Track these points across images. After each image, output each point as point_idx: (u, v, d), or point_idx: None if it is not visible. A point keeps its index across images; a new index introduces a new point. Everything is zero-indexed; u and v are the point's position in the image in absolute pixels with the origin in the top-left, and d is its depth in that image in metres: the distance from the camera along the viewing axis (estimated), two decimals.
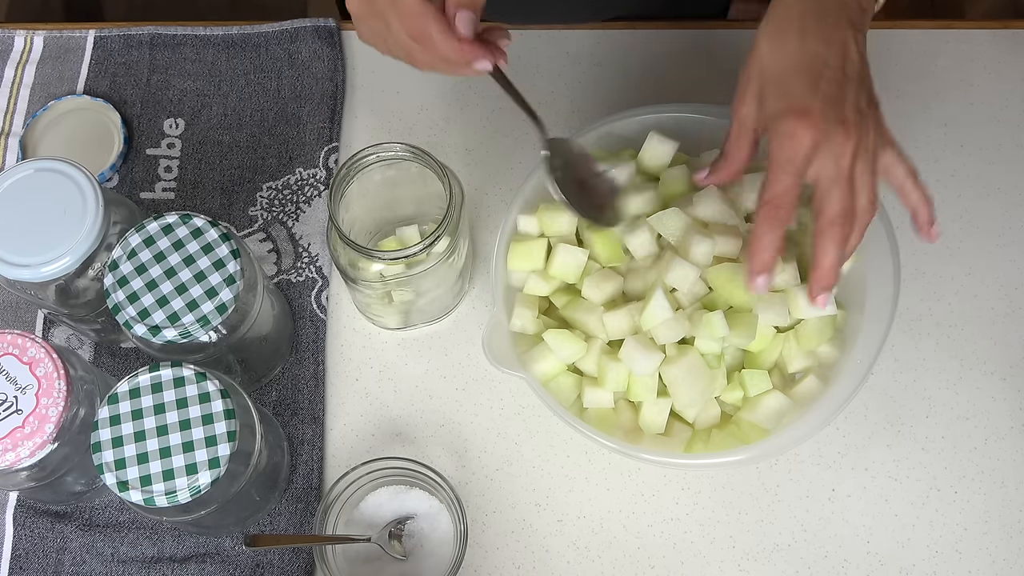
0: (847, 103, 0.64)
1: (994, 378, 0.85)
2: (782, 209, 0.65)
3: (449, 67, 0.65)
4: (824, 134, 0.63)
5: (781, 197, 0.65)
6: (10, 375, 0.70)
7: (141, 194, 0.92)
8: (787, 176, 0.64)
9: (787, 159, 0.64)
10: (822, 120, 0.63)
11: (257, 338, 0.78)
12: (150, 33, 0.97)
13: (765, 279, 0.67)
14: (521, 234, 0.81)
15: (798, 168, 0.64)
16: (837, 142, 0.64)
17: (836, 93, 0.64)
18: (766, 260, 0.67)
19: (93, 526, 0.82)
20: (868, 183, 0.66)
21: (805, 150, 0.63)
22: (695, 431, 0.77)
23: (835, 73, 0.64)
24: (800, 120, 0.63)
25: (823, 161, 0.64)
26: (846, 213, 0.65)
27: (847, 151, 0.64)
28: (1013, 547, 0.80)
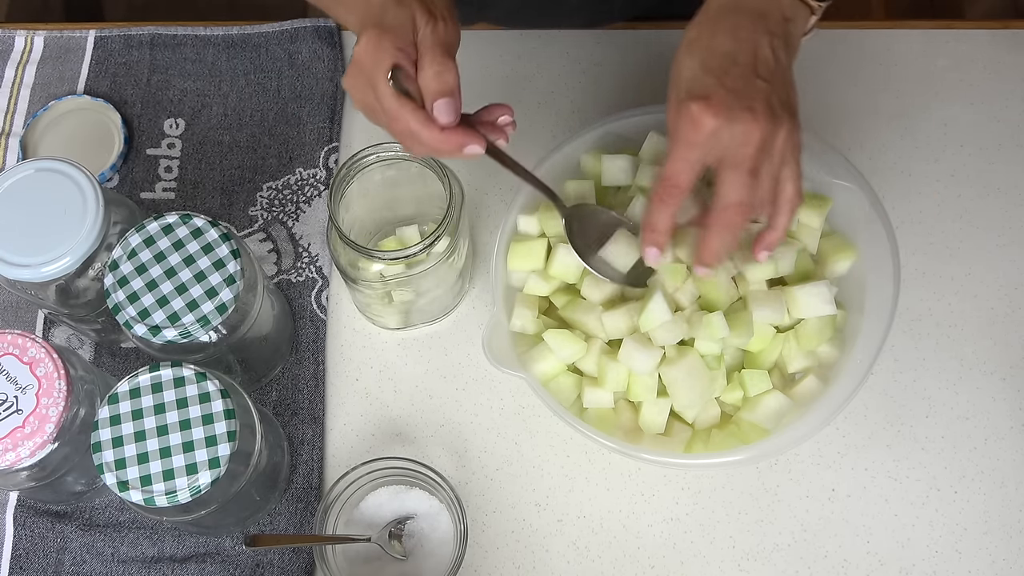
0: (756, 96, 0.64)
1: (994, 378, 0.85)
2: (676, 188, 0.66)
3: (442, 155, 0.65)
4: (726, 119, 0.63)
5: (675, 176, 0.65)
6: (10, 375, 0.70)
7: (141, 194, 0.92)
8: (683, 157, 0.65)
9: (685, 140, 0.64)
10: (724, 106, 0.63)
11: (257, 338, 0.78)
12: (150, 33, 0.97)
13: (655, 252, 0.69)
14: (521, 234, 0.81)
15: (696, 151, 0.64)
16: (741, 127, 0.63)
17: (743, 86, 0.64)
18: (657, 235, 0.68)
19: (93, 526, 0.82)
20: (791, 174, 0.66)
21: (705, 133, 0.63)
22: (695, 431, 0.77)
23: (743, 70, 0.64)
24: (700, 103, 0.63)
25: (724, 146, 0.64)
26: (741, 203, 0.65)
27: (752, 139, 0.64)
28: (1013, 547, 0.80)
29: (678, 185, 0.66)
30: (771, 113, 0.64)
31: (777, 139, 0.65)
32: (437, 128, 0.63)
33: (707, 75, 0.64)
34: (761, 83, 0.64)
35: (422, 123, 0.62)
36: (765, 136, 0.64)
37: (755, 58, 0.65)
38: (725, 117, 0.63)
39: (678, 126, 0.65)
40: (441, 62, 0.62)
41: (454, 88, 0.63)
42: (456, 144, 0.63)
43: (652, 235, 0.69)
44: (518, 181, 0.72)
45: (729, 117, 0.63)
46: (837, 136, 0.92)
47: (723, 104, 0.63)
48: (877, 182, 0.84)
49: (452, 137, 0.63)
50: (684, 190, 0.66)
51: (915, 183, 0.91)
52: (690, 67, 0.66)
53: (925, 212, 0.90)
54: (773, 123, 0.64)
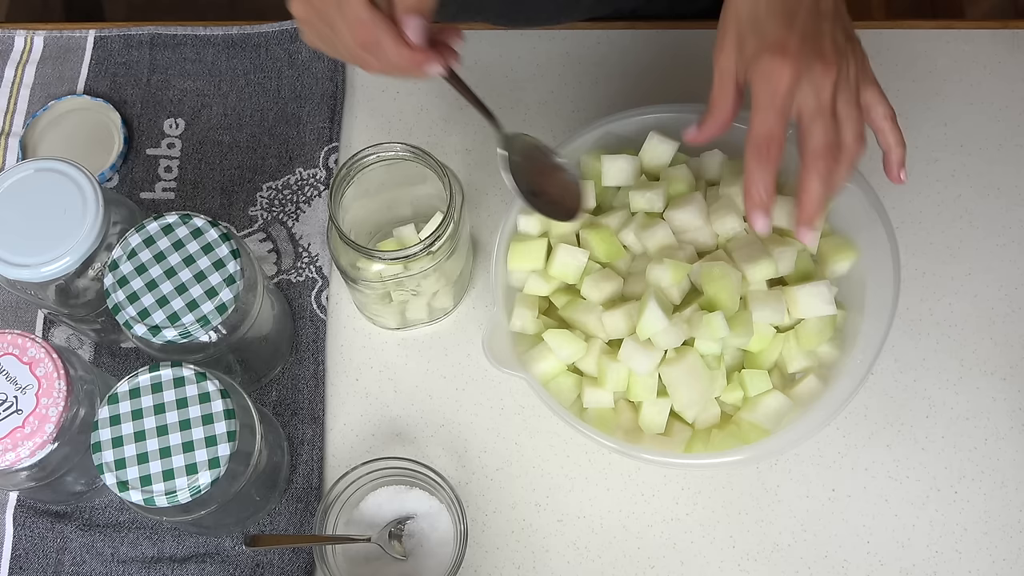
0: (824, 37, 0.65)
1: (994, 378, 0.85)
2: (771, 148, 0.66)
3: (400, 72, 0.64)
4: (803, 68, 0.64)
5: (767, 136, 0.65)
6: (10, 375, 0.70)
7: (141, 194, 0.92)
8: (771, 114, 0.65)
9: (769, 97, 0.64)
10: (799, 54, 0.64)
11: (257, 338, 0.78)
12: (150, 33, 0.97)
13: (763, 218, 0.68)
14: (521, 234, 0.81)
15: (781, 105, 0.64)
16: (817, 75, 0.64)
17: (811, 28, 0.65)
18: (761, 200, 0.67)
19: (93, 526, 0.82)
20: (852, 116, 0.66)
21: (785, 86, 0.64)
22: (695, 431, 0.77)
23: (808, 10, 0.65)
24: (777, 56, 0.63)
25: (804, 95, 0.65)
26: (829, 146, 0.66)
27: (827, 84, 0.65)
28: (1013, 547, 0.80)
29: (774, 138, 0.65)
30: (838, 53, 0.65)
31: (849, 75, 0.66)
32: (406, 45, 0.62)
33: (774, 21, 0.65)
34: (825, 23, 0.65)
35: (391, 35, 0.62)
36: (838, 77, 0.65)
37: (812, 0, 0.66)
38: (803, 67, 0.63)
39: (756, 81, 0.65)
40: None
41: (432, 6, 0.63)
42: (419, 62, 0.63)
43: (758, 200, 0.67)
44: None
45: (807, 66, 0.64)
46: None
47: (797, 52, 0.63)
48: (877, 182, 0.84)
49: (420, 55, 0.63)
50: (780, 143, 0.65)
51: (915, 183, 0.91)
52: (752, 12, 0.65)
53: (925, 212, 0.90)
54: (842, 62, 0.65)
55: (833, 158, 0.66)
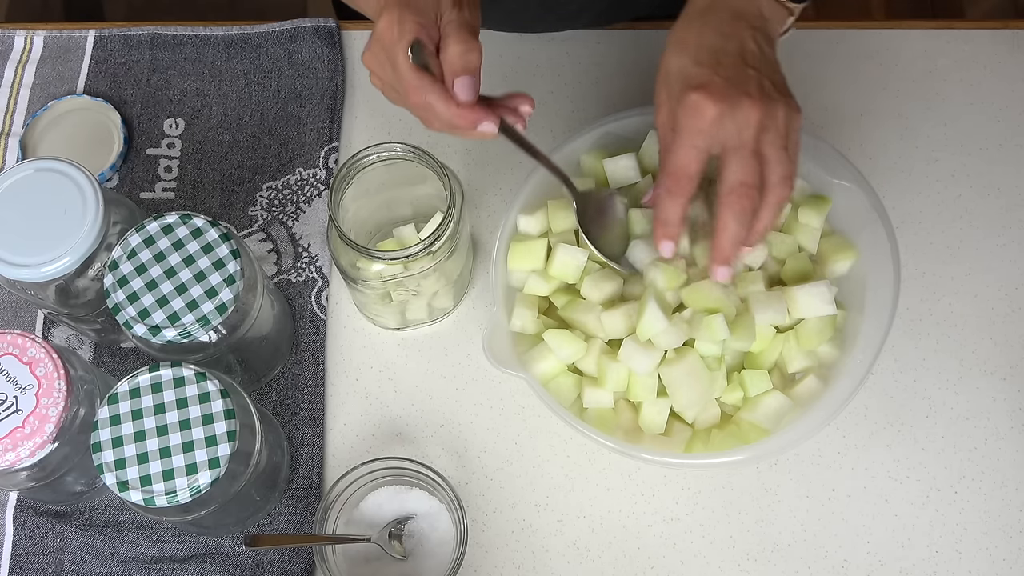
0: (750, 81, 0.66)
1: (994, 378, 0.85)
2: (683, 179, 0.66)
3: (456, 131, 0.66)
4: (727, 104, 0.64)
5: (683, 168, 0.66)
6: (10, 375, 0.70)
7: (141, 194, 0.92)
8: (688, 146, 0.65)
9: (689, 129, 0.65)
10: (723, 92, 0.65)
11: (257, 338, 0.78)
12: (150, 33, 0.97)
13: (670, 246, 0.69)
14: (521, 234, 0.81)
15: (701, 138, 0.65)
16: (741, 112, 0.65)
17: (736, 74, 0.66)
18: (670, 228, 0.68)
19: (93, 526, 0.82)
20: (779, 158, 0.66)
21: (708, 120, 0.64)
22: (695, 431, 0.77)
23: (733, 60, 0.66)
24: (701, 92, 0.65)
25: (727, 132, 0.65)
26: (746, 184, 0.65)
27: (751, 122, 0.65)
28: (1013, 547, 0.80)
29: (687, 175, 0.66)
30: (766, 95, 0.65)
31: (777, 118, 0.66)
32: (455, 103, 0.64)
33: (700, 67, 0.66)
34: (751, 71, 0.66)
35: (440, 97, 0.64)
36: (763, 117, 0.65)
37: (742, 49, 0.67)
38: (727, 103, 0.64)
39: (680, 117, 0.66)
40: (467, 41, 0.64)
41: (476, 67, 0.65)
42: (471, 120, 0.65)
43: (664, 229, 0.69)
44: (519, 180, 0.72)
45: (730, 102, 0.64)
46: (837, 136, 0.92)
47: (722, 90, 0.65)
48: (877, 182, 0.84)
49: (467, 113, 0.64)
50: (693, 179, 0.66)
51: (915, 183, 0.91)
52: (680, 64, 0.67)
53: (925, 212, 0.90)
54: (769, 104, 0.65)
55: (750, 197, 0.66)
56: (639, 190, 0.81)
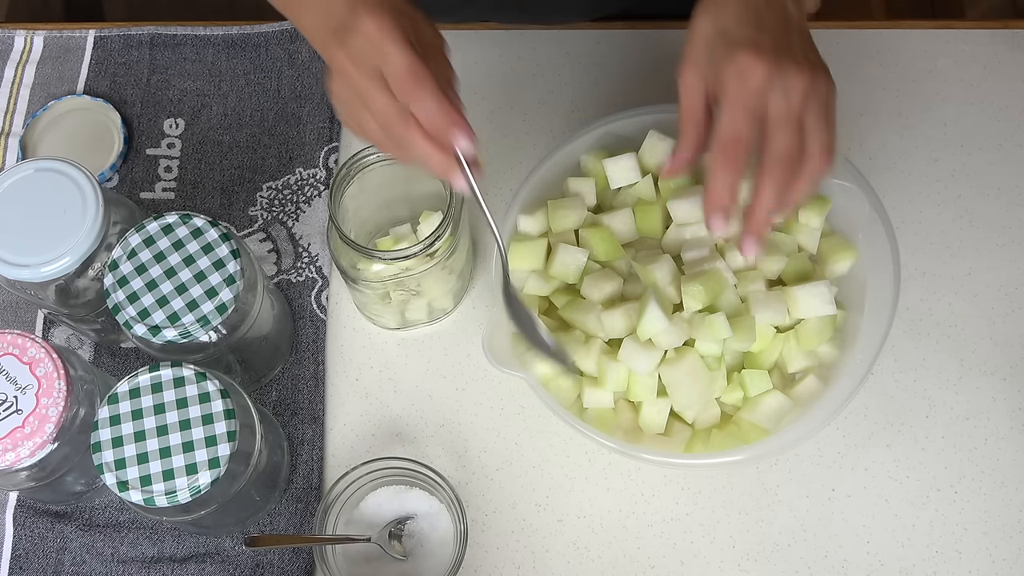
0: (795, 46, 0.63)
1: (994, 378, 0.85)
2: (738, 149, 0.63)
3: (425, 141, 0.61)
4: (776, 68, 0.61)
5: (735, 136, 0.63)
6: (10, 375, 0.70)
7: (141, 194, 0.92)
8: (740, 113, 0.62)
9: (740, 95, 0.62)
10: (774, 52, 0.62)
11: (257, 338, 0.78)
12: (150, 33, 0.97)
13: (721, 220, 0.66)
14: (521, 234, 0.81)
15: (753, 104, 0.62)
16: (790, 77, 0.62)
17: (782, 34, 0.63)
18: (722, 202, 0.65)
19: (93, 526, 0.82)
20: (820, 127, 0.64)
21: (758, 82, 0.61)
22: (695, 431, 0.77)
23: (776, 21, 0.63)
24: (751, 52, 0.61)
25: (774, 96, 0.62)
26: (790, 153, 0.63)
27: (798, 87, 0.62)
28: (1013, 547, 0.80)
29: (739, 139, 0.63)
30: (811, 62, 0.63)
31: (819, 87, 0.63)
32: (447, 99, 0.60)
33: (745, 27, 0.63)
34: (794, 35, 0.64)
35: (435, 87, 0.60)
36: (809, 84, 0.62)
37: (785, 13, 0.64)
38: (776, 64, 0.61)
39: (728, 79, 0.62)
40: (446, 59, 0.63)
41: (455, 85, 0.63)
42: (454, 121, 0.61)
43: (718, 198, 0.64)
44: (519, 180, 0.72)
45: (779, 65, 0.62)
46: (837, 136, 0.92)
47: (772, 50, 0.62)
48: (877, 182, 0.84)
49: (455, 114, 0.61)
50: (747, 144, 0.63)
51: (915, 183, 0.91)
52: (720, 23, 0.64)
53: (925, 212, 0.90)
54: (814, 72, 0.63)
55: (791, 168, 0.64)
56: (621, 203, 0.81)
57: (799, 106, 0.63)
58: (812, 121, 0.64)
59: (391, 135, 0.62)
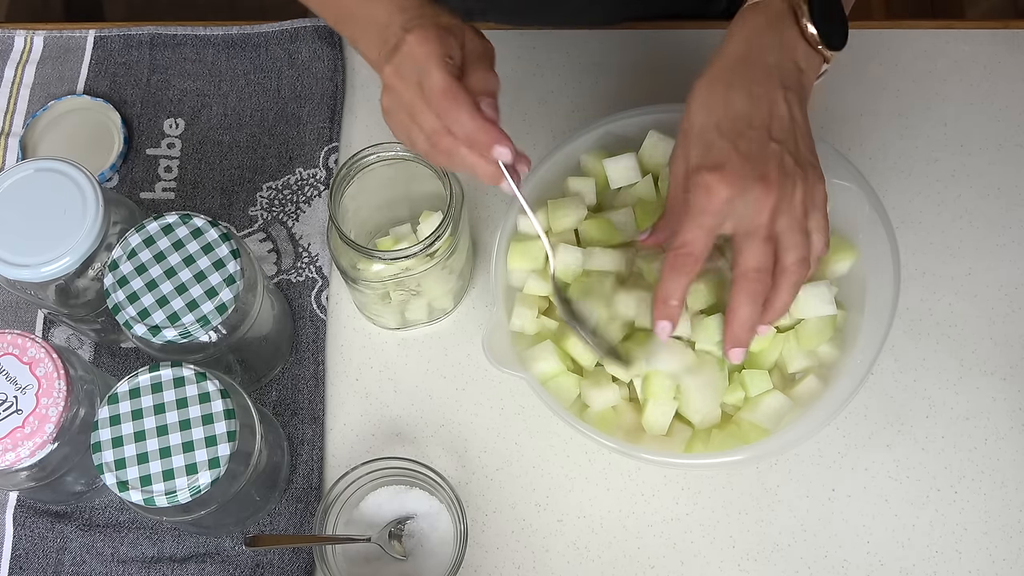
0: (770, 160, 0.64)
1: (994, 378, 0.85)
2: (689, 258, 0.65)
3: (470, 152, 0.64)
4: (739, 189, 0.63)
5: (689, 245, 0.65)
6: (10, 375, 0.70)
7: (141, 194, 0.92)
8: (697, 226, 0.64)
9: (699, 209, 0.64)
10: (738, 175, 0.63)
11: (257, 338, 0.78)
12: (150, 33, 0.97)
13: (667, 326, 0.68)
14: (521, 234, 0.81)
15: (709, 222, 0.64)
16: (754, 197, 0.63)
17: (756, 151, 0.64)
18: (670, 309, 0.67)
19: (93, 526, 0.82)
20: (795, 241, 0.65)
21: (719, 203, 0.63)
22: (695, 431, 0.77)
23: (758, 133, 0.64)
24: (715, 173, 0.63)
25: (739, 216, 0.64)
26: (760, 268, 0.65)
27: (765, 207, 0.64)
28: (1013, 547, 0.80)
29: (692, 253, 0.65)
30: (784, 176, 0.64)
31: (794, 199, 0.64)
32: (481, 114, 0.63)
33: (721, 139, 0.64)
34: (775, 145, 0.64)
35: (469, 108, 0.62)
36: (778, 200, 0.64)
37: (771, 117, 0.65)
38: (739, 187, 0.63)
39: (692, 194, 0.64)
40: (490, 69, 0.65)
41: (497, 92, 0.65)
42: (493, 136, 0.63)
43: (665, 308, 0.67)
44: None
45: (743, 187, 0.63)
46: (837, 136, 0.92)
47: (737, 174, 0.63)
48: (877, 182, 0.84)
49: (492, 129, 0.63)
50: (699, 259, 0.65)
51: (915, 183, 0.91)
52: (703, 127, 0.65)
53: (925, 212, 0.90)
54: (785, 187, 0.64)
55: (762, 281, 0.65)
56: None
57: (766, 222, 0.64)
58: (784, 235, 0.65)
59: (438, 148, 0.65)
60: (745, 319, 0.66)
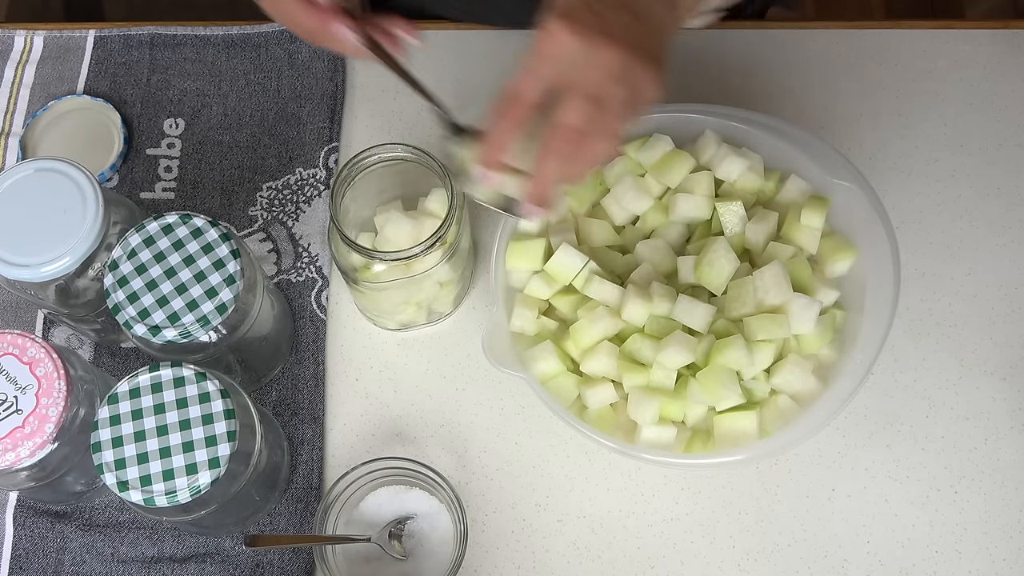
0: (623, 28, 0.60)
1: (994, 378, 0.85)
2: (517, 100, 0.61)
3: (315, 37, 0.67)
4: (582, 37, 0.59)
5: (518, 88, 0.61)
6: (10, 375, 0.70)
7: (141, 194, 0.92)
8: (532, 70, 0.60)
9: (538, 53, 0.60)
10: (584, 24, 0.59)
11: (257, 338, 0.78)
12: (150, 33, 0.97)
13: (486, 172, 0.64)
14: (520, 233, 0.81)
15: (547, 67, 0.60)
16: (596, 53, 0.59)
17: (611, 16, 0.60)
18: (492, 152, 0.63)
19: (93, 526, 0.82)
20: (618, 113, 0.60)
21: (558, 47, 0.59)
22: (695, 431, 0.77)
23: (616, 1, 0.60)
24: (562, 20, 0.59)
25: (576, 66, 0.59)
26: (579, 129, 0.60)
27: (604, 65, 0.59)
28: (1013, 547, 0.80)
29: (519, 97, 0.61)
30: (632, 45, 0.59)
31: (634, 73, 0.59)
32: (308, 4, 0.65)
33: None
34: (630, 17, 0.60)
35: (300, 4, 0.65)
36: (619, 66, 0.59)
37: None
38: (582, 35, 0.59)
39: (536, 40, 0.60)
40: None
41: None
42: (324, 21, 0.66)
43: (487, 150, 0.63)
44: None
45: (586, 37, 0.59)
46: (837, 136, 0.92)
47: (584, 23, 0.59)
48: (877, 182, 0.84)
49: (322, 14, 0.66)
50: (525, 105, 0.61)
51: (915, 183, 0.91)
52: None
53: (925, 212, 0.90)
54: (634, 56, 0.59)
55: (575, 142, 0.60)
56: None
57: (599, 82, 0.59)
58: (611, 103, 0.60)
59: None
60: (550, 175, 0.62)
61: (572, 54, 0.59)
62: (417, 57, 0.73)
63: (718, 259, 0.76)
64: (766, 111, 0.84)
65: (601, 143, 0.61)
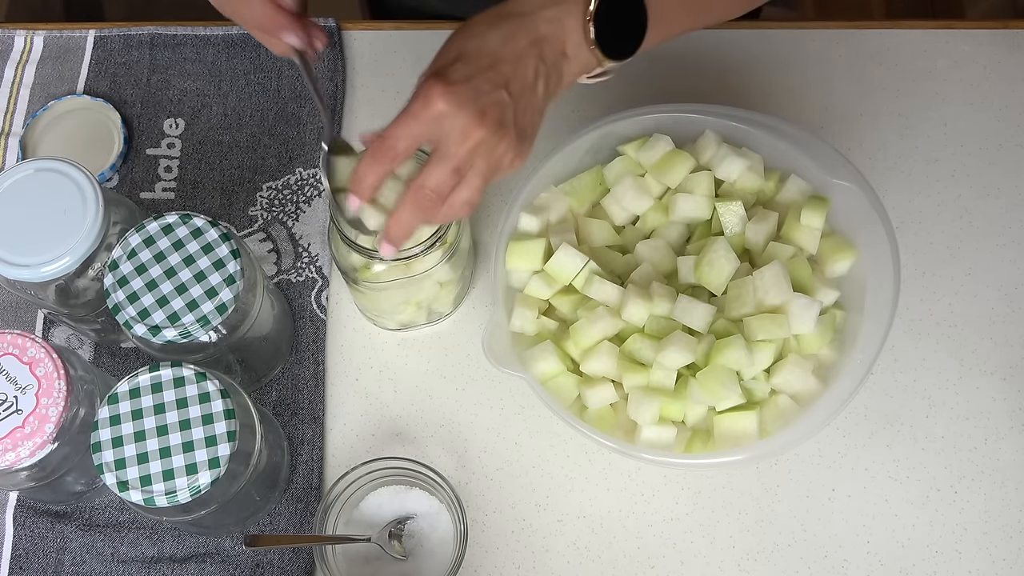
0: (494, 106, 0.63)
1: (994, 378, 0.85)
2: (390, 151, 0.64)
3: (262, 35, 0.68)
4: (454, 109, 0.62)
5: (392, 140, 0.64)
6: (10, 375, 0.70)
7: (141, 194, 0.92)
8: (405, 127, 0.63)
9: (413, 112, 0.63)
10: (458, 96, 0.62)
11: (257, 338, 0.78)
12: (150, 33, 0.97)
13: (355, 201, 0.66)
14: (521, 233, 0.81)
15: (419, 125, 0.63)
16: (463, 125, 0.62)
17: (486, 90, 0.63)
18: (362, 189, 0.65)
19: (93, 526, 0.82)
20: (475, 185, 0.65)
21: (431, 112, 0.62)
22: (695, 431, 0.77)
23: (495, 76, 0.63)
24: (439, 86, 0.62)
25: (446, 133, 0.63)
26: (437, 191, 0.64)
27: (470, 140, 0.63)
28: (1013, 547, 0.80)
29: (393, 148, 0.64)
30: (498, 126, 0.63)
31: (496, 152, 0.64)
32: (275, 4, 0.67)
33: (462, 63, 0.63)
34: (505, 95, 0.63)
35: None
36: (481, 142, 0.63)
37: (514, 74, 0.64)
38: (454, 108, 0.62)
39: (413, 98, 0.64)
40: None
41: None
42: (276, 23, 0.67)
43: (357, 186, 0.66)
44: (519, 179, 0.72)
45: (458, 110, 0.62)
46: (837, 136, 0.92)
47: (459, 95, 0.62)
48: (877, 182, 0.84)
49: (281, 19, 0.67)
50: (397, 156, 0.64)
51: (915, 183, 0.91)
52: (455, 49, 0.65)
53: (925, 212, 0.90)
54: (494, 134, 0.63)
55: (433, 202, 0.64)
56: None
57: (464, 155, 0.63)
58: (470, 176, 0.64)
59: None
60: (406, 225, 0.66)
61: (442, 121, 0.62)
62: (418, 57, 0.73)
63: (718, 259, 0.76)
64: (766, 111, 0.84)
65: (458, 205, 0.65)
